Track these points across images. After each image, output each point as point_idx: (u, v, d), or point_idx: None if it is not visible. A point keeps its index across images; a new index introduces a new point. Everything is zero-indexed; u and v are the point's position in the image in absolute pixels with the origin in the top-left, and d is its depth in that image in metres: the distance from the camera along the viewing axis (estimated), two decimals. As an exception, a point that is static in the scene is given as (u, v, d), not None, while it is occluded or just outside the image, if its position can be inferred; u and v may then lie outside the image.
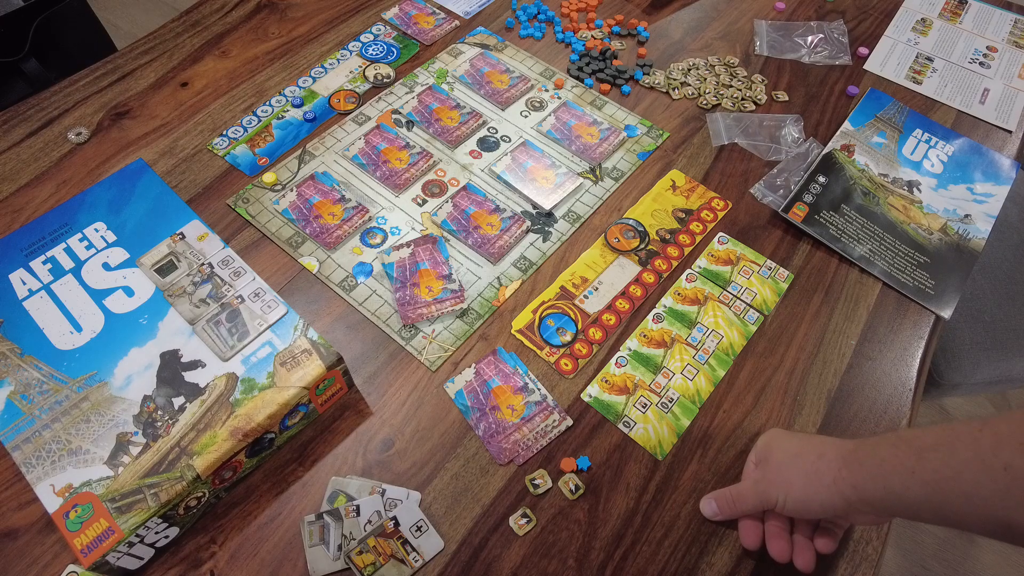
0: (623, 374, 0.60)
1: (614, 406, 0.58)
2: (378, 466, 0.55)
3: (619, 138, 0.77)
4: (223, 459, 0.49)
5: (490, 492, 0.54)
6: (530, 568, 0.50)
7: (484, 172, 0.73)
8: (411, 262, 0.66)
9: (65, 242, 0.60)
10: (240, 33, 0.86)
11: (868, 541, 0.53)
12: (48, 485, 0.48)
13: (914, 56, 0.88)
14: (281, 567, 0.50)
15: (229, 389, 0.52)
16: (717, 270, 0.66)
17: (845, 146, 0.76)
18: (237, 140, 0.75)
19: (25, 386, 0.52)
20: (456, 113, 0.78)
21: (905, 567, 1.20)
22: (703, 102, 0.81)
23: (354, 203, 0.70)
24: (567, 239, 0.68)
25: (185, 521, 0.50)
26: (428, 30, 0.87)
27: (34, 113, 0.77)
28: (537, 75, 0.83)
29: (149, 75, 0.81)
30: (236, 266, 0.59)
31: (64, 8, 1.11)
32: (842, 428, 0.58)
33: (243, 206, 0.69)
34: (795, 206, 0.70)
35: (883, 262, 0.68)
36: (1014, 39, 0.91)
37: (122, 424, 0.50)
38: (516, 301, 0.64)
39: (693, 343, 0.62)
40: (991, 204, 0.73)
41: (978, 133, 0.80)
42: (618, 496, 0.54)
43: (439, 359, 0.60)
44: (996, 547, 1.24)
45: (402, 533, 0.51)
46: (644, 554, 0.51)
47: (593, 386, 0.59)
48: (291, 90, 0.80)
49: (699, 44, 0.88)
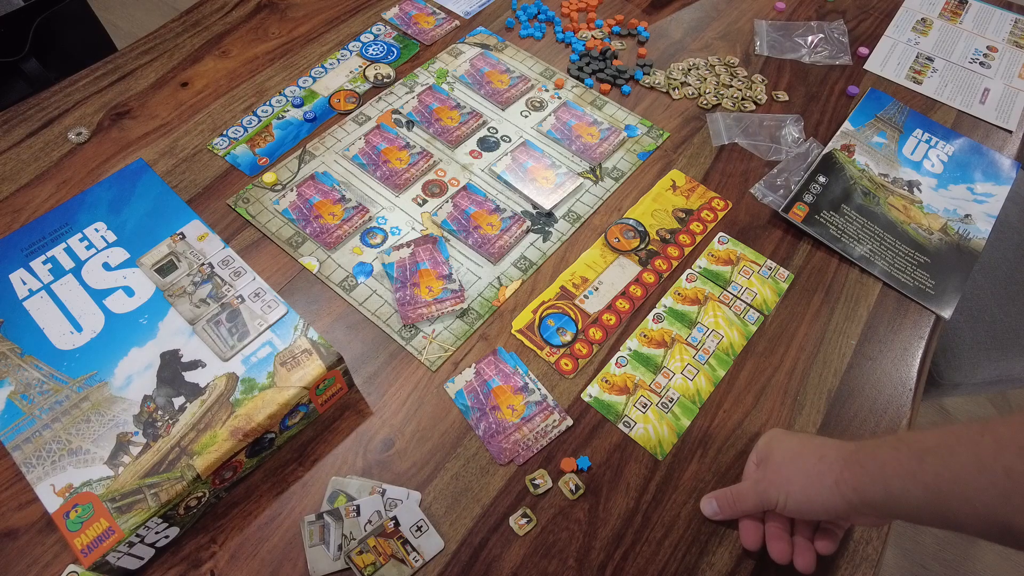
0: (623, 374, 0.60)
1: (614, 406, 0.58)
2: (378, 466, 0.55)
3: (619, 138, 0.77)
4: (223, 459, 0.49)
5: (490, 492, 0.54)
6: (530, 568, 0.50)
7: (484, 172, 0.73)
8: (411, 262, 0.66)
9: (65, 242, 0.60)
10: (240, 33, 0.86)
11: (868, 541, 0.53)
12: (48, 485, 0.48)
13: (914, 56, 0.88)
14: (281, 567, 0.50)
15: (229, 389, 0.52)
16: (717, 270, 0.66)
17: (845, 146, 0.76)
18: (237, 140, 0.75)
19: (25, 386, 0.52)
20: (456, 113, 0.78)
21: (905, 567, 1.20)
22: (703, 102, 0.81)
23: (354, 203, 0.70)
24: (567, 239, 0.68)
25: (185, 521, 0.50)
26: (428, 30, 0.87)
27: (34, 113, 0.77)
28: (537, 75, 0.83)
29: (149, 75, 0.81)
30: (236, 266, 0.59)
31: (64, 8, 1.11)
32: (842, 428, 0.58)
33: (243, 206, 0.69)
34: (795, 206, 0.70)
35: (883, 262, 0.68)
36: (1014, 39, 0.91)
37: (122, 424, 0.50)
38: (516, 301, 0.64)
39: (693, 343, 0.62)
40: (991, 204, 0.73)
41: (978, 133, 0.80)
42: (618, 496, 0.54)
43: (439, 359, 0.60)
44: (996, 548, 1.24)
45: (402, 533, 0.51)
46: (644, 554, 0.51)
47: (593, 386, 0.59)
48: (291, 90, 0.80)
49: (699, 44, 0.88)
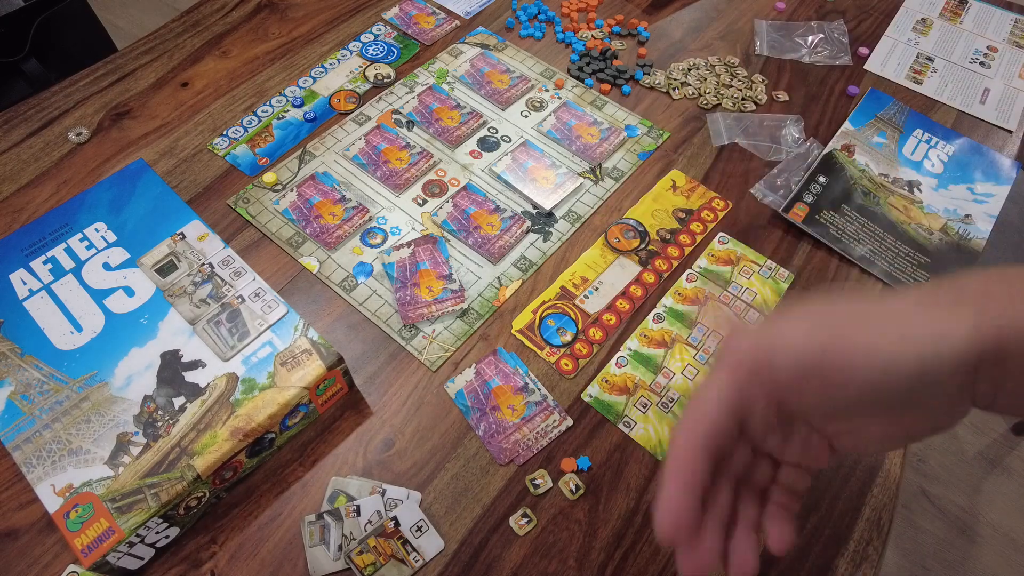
0: (623, 374, 0.60)
1: (615, 406, 0.58)
2: (378, 466, 0.55)
3: (619, 138, 0.77)
4: (223, 459, 0.49)
5: (490, 492, 0.54)
6: (530, 568, 0.50)
7: (484, 172, 0.73)
8: (411, 262, 0.66)
9: (65, 242, 0.60)
10: (240, 33, 0.86)
11: (868, 541, 0.53)
12: (48, 485, 0.48)
13: (914, 56, 0.88)
14: (281, 567, 0.50)
15: (229, 389, 0.52)
16: (717, 270, 0.66)
17: (845, 146, 0.76)
18: (237, 140, 0.75)
19: (25, 386, 0.52)
20: (456, 113, 0.78)
21: (905, 567, 1.21)
22: (703, 102, 0.81)
23: (354, 203, 0.70)
24: (567, 239, 0.68)
25: (185, 521, 0.50)
26: (428, 30, 0.87)
27: (34, 113, 0.77)
28: (537, 75, 0.83)
29: (149, 75, 0.81)
30: (236, 266, 0.59)
31: (64, 8, 1.11)
32: (842, 428, 0.58)
33: (243, 206, 0.69)
34: (795, 206, 0.70)
35: (883, 262, 0.68)
36: (1014, 39, 0.91)
37: (122, 424, 0.50)
38: (516, 301, 0.64)
39: (693, 343, 0.62)
40: (991, 204, 0.73)
41: (978, 133, 0.80)
42: (618, 496, 0.54)
43: (439, 359, 0.60)
44: (996, 547, 1.24)
45: (402, 533, 0.51)
46: (644, 554, 0.51)
47: (593, 386, 0.59)
48: (291, 90, 0.80)
49: (699, 44, 0.88)
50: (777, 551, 0.30)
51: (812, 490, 0.54)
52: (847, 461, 0.56)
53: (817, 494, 0.54)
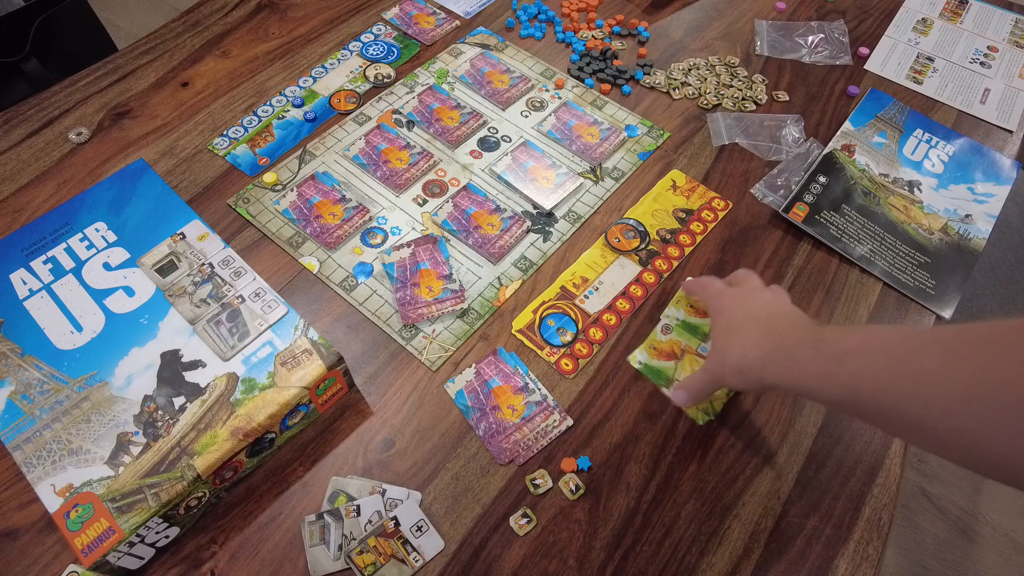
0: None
1: (664, 371, 0.58)
2: (378, 466, 0.55)
3: (619, 138, 0.77)
4: (224, 459, 0.49)
5: (490, 492, 0.54)
6: (530, 568, 0.50)
7: (484, 172, 0.73)
8: (411, 262, 0.66)
9: (66, 242, 0.60)
10: (240, 33, 0.86)
11: (868, 541, 0.53)
12: (49, 485, 0.48)
13: (915, 56, 0.88)
14: (282, 567, 0.50)
15: (230, 389, 0.52)
16: (696, 323, 0.62)
17: (846, 146, 0.76)
18: (237, 140, 0.75)
19: (26, 386, 0.52)
20: (456, 113, 0.78)
21: (905, 567, 1.21)
22: (703, 102, 0.81)
23: (354, 203, 0.70)
24: (567, 239, 0.68)
25: (186, 521, 0.50)
26: (428, 30, 0.87)
27: (35, 113, 0.77)
28: (537, 75, 0.83)
29: (149, 75, 0.81)
30: (236, 266, 0.59)
31: (64, 8, 1.11)
32: (843, 427, 0.58)
33: (243, 206, 0.69)
34: (796, 206, 0.70)
35: (883, 262, 0.68)
36: (1015, 39, 0.91)
37: (123, 424, 0.50)
38: (516, 301, 0.64)
39: (703, 353, 0.61)
40: (992, 204, 0.73)
41: (979, 133, 0.80)
42: (618, 496, 0.54)
43: (439, 359, 0.60)
44: (996, 548, 1.24)
45: (402, 533, 0.51)
46: (644, 554, 0.51)
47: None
48: (291, 90, 0.80)
49: (699, 44, 0.88)
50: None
51: (812, 490, 0.54)
52: (847, 461, 0.56)
53: (817, 494, 0.54)
